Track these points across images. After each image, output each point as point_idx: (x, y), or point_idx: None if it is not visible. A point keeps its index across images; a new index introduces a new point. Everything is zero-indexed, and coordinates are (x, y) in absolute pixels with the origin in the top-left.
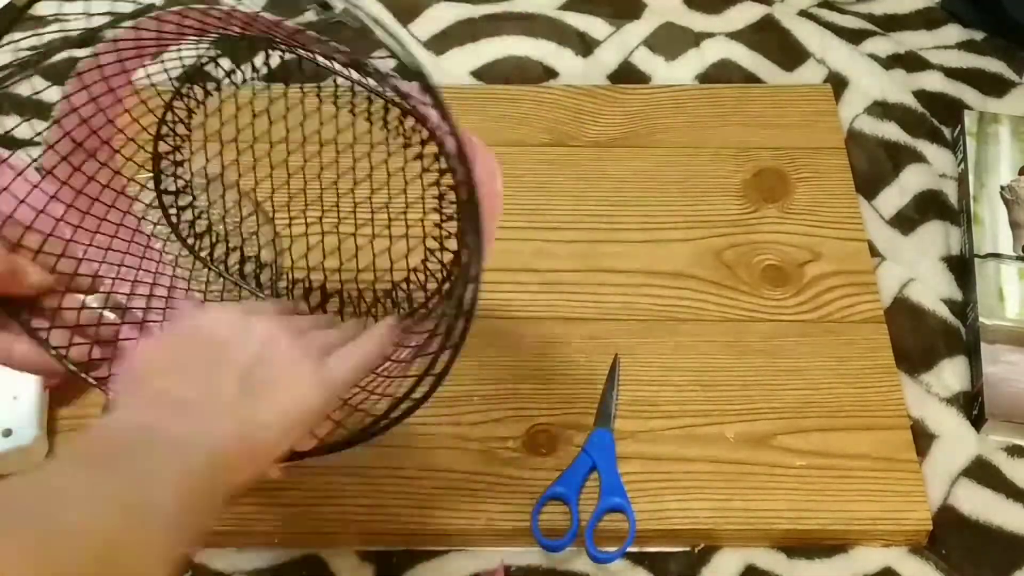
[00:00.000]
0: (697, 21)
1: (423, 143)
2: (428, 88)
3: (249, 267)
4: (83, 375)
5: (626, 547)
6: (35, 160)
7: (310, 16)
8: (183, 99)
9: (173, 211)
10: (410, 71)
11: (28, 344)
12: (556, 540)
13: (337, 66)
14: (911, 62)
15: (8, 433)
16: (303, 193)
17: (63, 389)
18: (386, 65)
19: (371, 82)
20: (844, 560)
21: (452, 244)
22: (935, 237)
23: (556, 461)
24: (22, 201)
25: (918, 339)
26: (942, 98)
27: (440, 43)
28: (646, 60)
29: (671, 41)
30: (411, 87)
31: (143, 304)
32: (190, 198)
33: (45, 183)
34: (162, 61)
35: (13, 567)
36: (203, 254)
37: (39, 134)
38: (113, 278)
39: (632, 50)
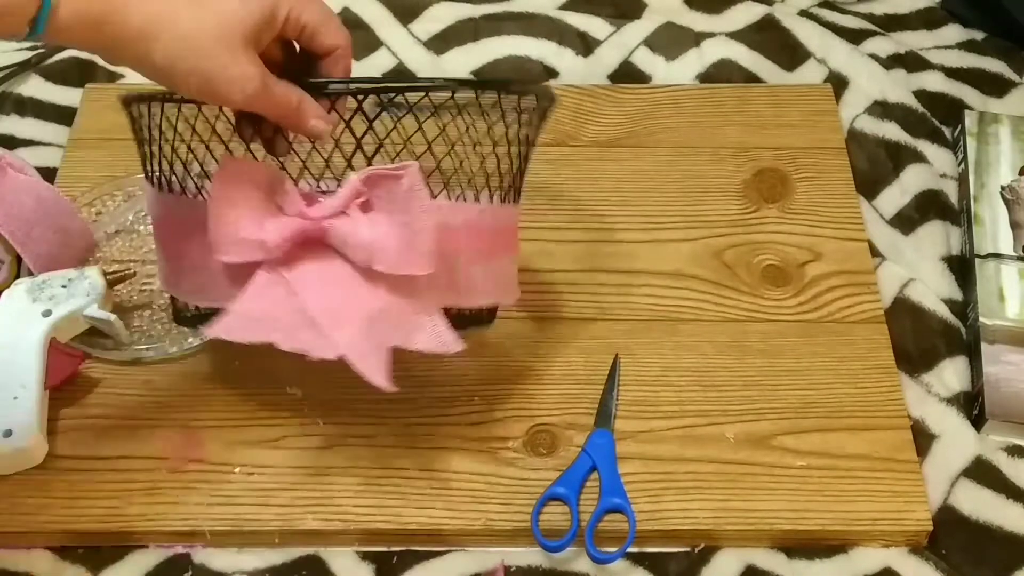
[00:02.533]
0: (697, 21)
1: None
2: None
3: None
4: None
5: (626, 547)
6: None
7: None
8: None
9: None
10: None
11: None
12: (556, 540)
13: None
14: (911, 62)
15: (8, 434)
16: None
17: (63, 388)
18: None
19: None
20: (844, 560)
21: None
22: (935, 237)
23: (556, 461)
24: None
25: (918, 339)
26: (942, 98)
27: (440, 43)
28: (646, 60)
29: (671, 41)
30: None
31: None
32: None
33: None
34: None
35: None
36: None
37: None
38: None
39: (632, 50)
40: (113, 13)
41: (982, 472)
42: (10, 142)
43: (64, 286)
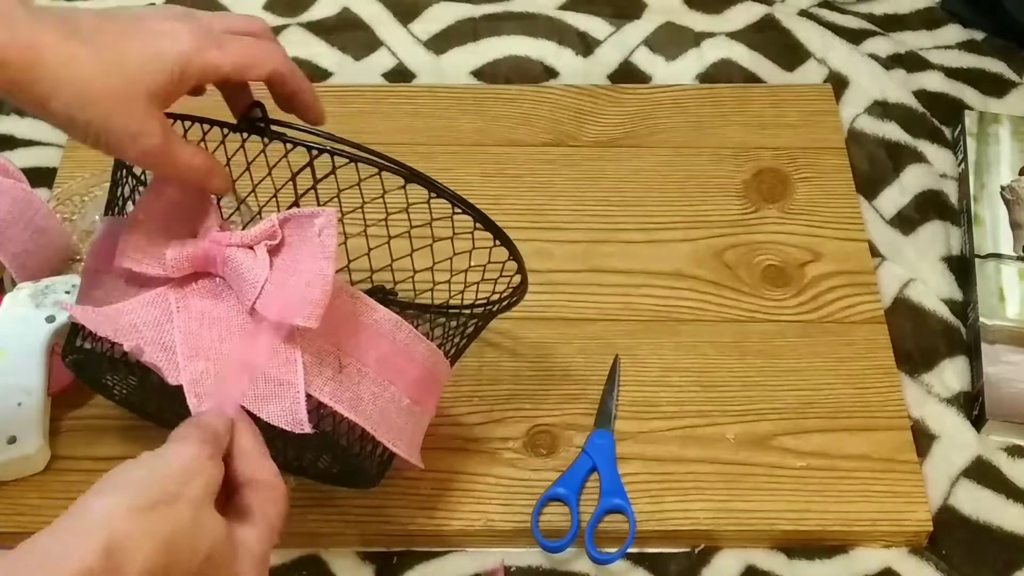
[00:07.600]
0: (697, 21)
1: None
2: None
3: None
4: None
5: (626, 548)
6: None
7: None
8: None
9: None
10: None
11: None
12: (556, 541)
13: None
14: (911, 62)
15: (12, 440)
16: None
17: (66, 394)
18: None
19: None
20: (844, 561)
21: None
22: (935, 237)
23: (556, 462)
24: None
25: (918, 339)
26: (942, 98)
27: (440, 43)
28: (646, 60)
29: (671, 41)
30: None
31: None
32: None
33: None
34: None
35: None
36: None
37: None
38: None
39: (632, 50)
40: (15, 56)
41: (982, 472)
42: (10, 142)
43: (68, 292)
